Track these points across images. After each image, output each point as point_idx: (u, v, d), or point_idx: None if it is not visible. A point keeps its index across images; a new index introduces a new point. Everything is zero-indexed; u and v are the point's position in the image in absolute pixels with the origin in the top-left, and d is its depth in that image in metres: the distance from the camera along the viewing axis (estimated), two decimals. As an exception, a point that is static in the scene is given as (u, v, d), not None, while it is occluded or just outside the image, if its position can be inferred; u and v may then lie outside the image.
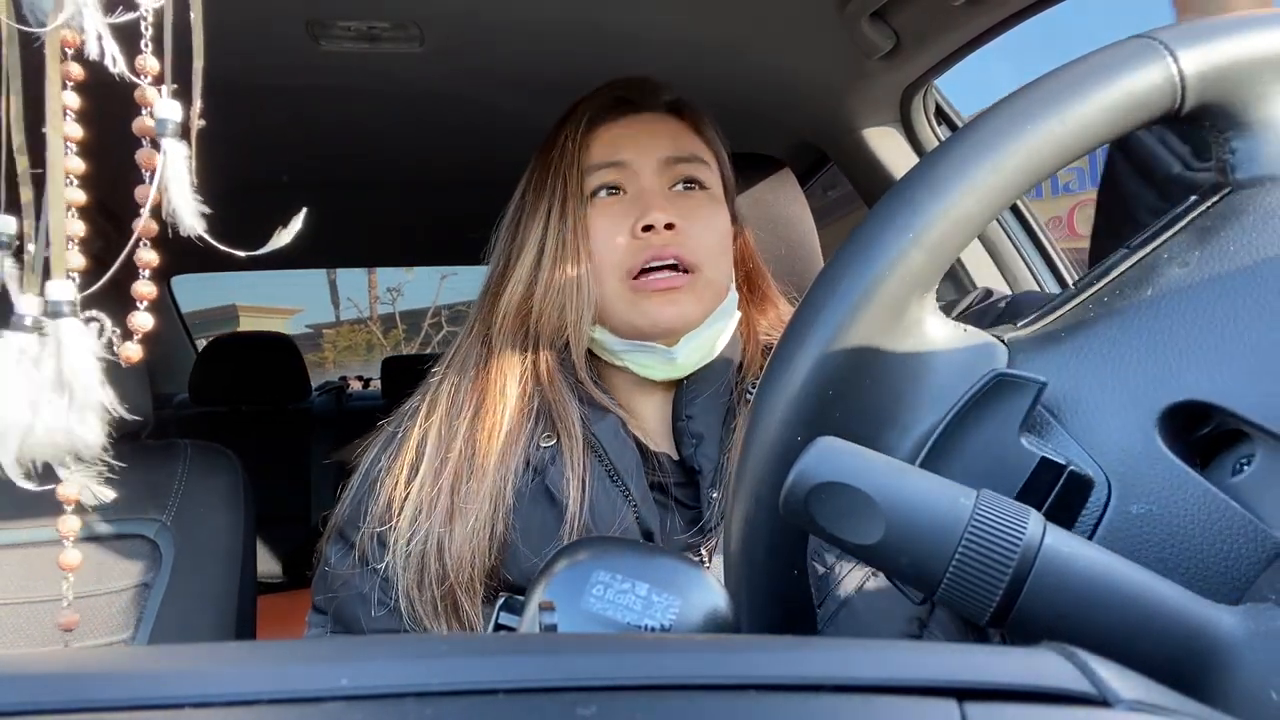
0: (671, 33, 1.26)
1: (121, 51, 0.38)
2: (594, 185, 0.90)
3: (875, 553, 0.35)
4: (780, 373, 0.41)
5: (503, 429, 0.85)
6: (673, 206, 0.88)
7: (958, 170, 0.40)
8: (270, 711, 0.22)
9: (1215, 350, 0.40)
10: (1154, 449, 0.39)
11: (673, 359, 0.89)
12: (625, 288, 0.88)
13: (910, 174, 0.42)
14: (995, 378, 0.40)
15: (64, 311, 0.39)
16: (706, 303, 0.89)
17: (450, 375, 0.91)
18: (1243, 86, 0.41)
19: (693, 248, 0.88)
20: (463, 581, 0.81)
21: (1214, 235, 0.42)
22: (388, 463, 0.88)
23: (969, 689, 0.23)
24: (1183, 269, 0.42)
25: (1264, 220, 0.41)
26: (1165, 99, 0.41)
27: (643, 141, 0.91)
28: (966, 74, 1.40)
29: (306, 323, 13.24)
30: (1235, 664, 0.32)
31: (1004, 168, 0.40)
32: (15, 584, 1.15)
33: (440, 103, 1.55)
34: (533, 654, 0.26)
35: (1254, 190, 0.42)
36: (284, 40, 1.27)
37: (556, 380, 0.88)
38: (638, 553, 0.45)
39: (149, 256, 0.40)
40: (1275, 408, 0.38)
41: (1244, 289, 0.40)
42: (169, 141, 0.39)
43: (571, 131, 0.92)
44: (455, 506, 0.83)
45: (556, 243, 0.89)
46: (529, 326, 0.90)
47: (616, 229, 0.88)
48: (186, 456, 1.30)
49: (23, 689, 0.22)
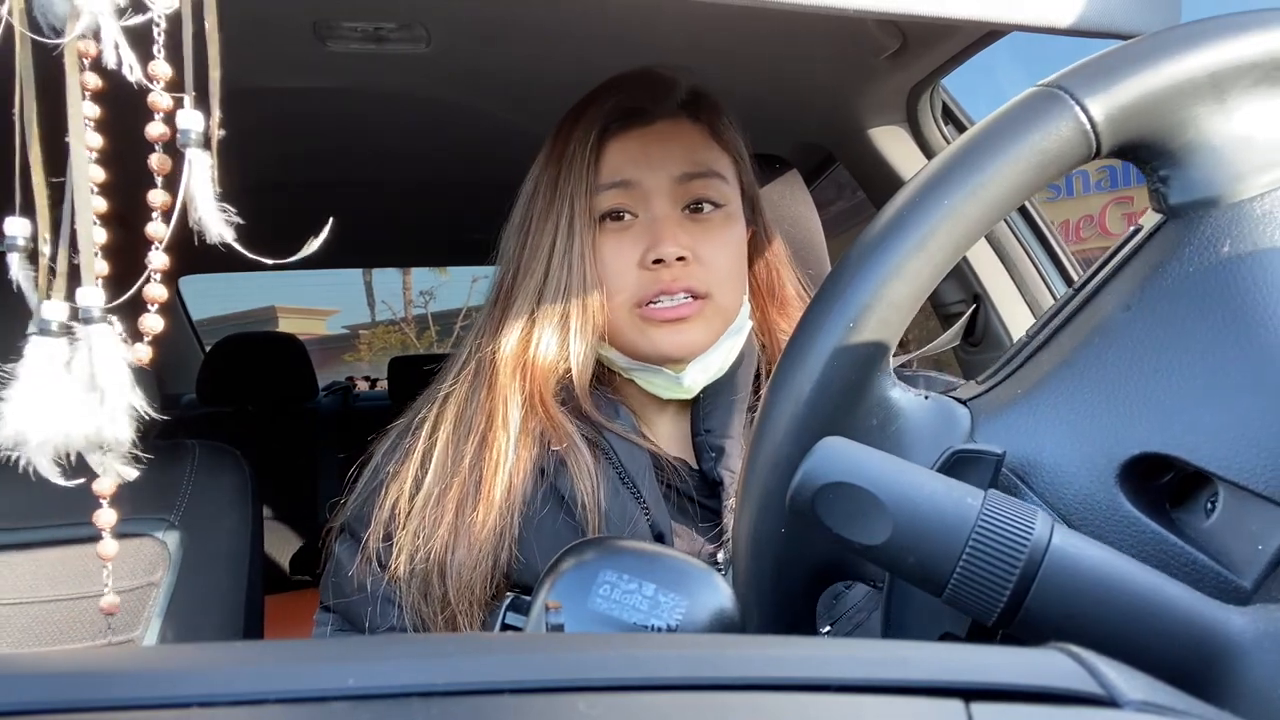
0: (677, 35, 1.25)
1: (141, 60, 0.38)
2: (604, 207, 0.88)
3: (882, 553, 0.35)
4: (761, 457, 0.42)
5: (508, 459, 0.84)
6: (684, 234, 0.87)
7: (883, 258, 0.40)
8: (277, 711, 0.22)
9: (1163, 399, 0.39)
10: (1116, 504, 0.39)
11: (679, 382, 0.88)
12: (633, 316, 0.86)
13: (843, 260, 0.42)
14: (954, 456, 0.40)
15: (95, 317, 0.40)
16: (716, 328, 0.88)
17: (460, 389, 0.90)
18: (1157, 119, 0.41)
19: (703, 277, 0.86)
20: (463, 608, 0.80)
21: (1155, 273, 0.41)
22: (395, 469, 0.88)
23: (975, 689, 0.23)
24: (1126, 313, 0.41)
25: (1201, 252, 0.41)
26: (1080, 149, 0.40)
27: (656, 158, 0.88)
28: (973, 73, 1.39)
29: (343, 323, 13.63)
30: (1244, 665, 0.31)
31: (929, 247, 0.40)
32: (25, 584, 1.15)
33: (446, 103, 1.55)
34: (539, 654, 0.26)
35: (1190, 218, 0.41)
36: (290, 41, 1.27)
37: (554, 413, 0.86)
38: (644, 553, 0.45)
39: (160, 260, 0.41)
40: (1226, 454, 0.38)
41: (1187, 331, 0.40)
42: (193, 151, 0.40)
43: (580, 143, 0.88)
44: (459, 531, 0.82)
45: (563, 265, 0.86)
46: (529, 355, 0.87)
47: (625, 258, 0.87)
48: (194, 457, 1.31)
49: (30, 688, 0.23)
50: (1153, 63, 0.40)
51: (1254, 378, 0.38)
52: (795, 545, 0.43)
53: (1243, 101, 0.41)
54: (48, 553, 1.18)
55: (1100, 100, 0.40)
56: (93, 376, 0.39)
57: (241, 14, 1.08)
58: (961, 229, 0.40)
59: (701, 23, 1.22)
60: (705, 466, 0.89)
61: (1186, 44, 0.40)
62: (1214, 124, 0.41)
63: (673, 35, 1.26)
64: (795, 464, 0.36)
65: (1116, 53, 0.41)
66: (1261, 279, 0.40)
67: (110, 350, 0.40)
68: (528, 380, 0.87)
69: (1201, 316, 0.40)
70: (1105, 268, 0.44)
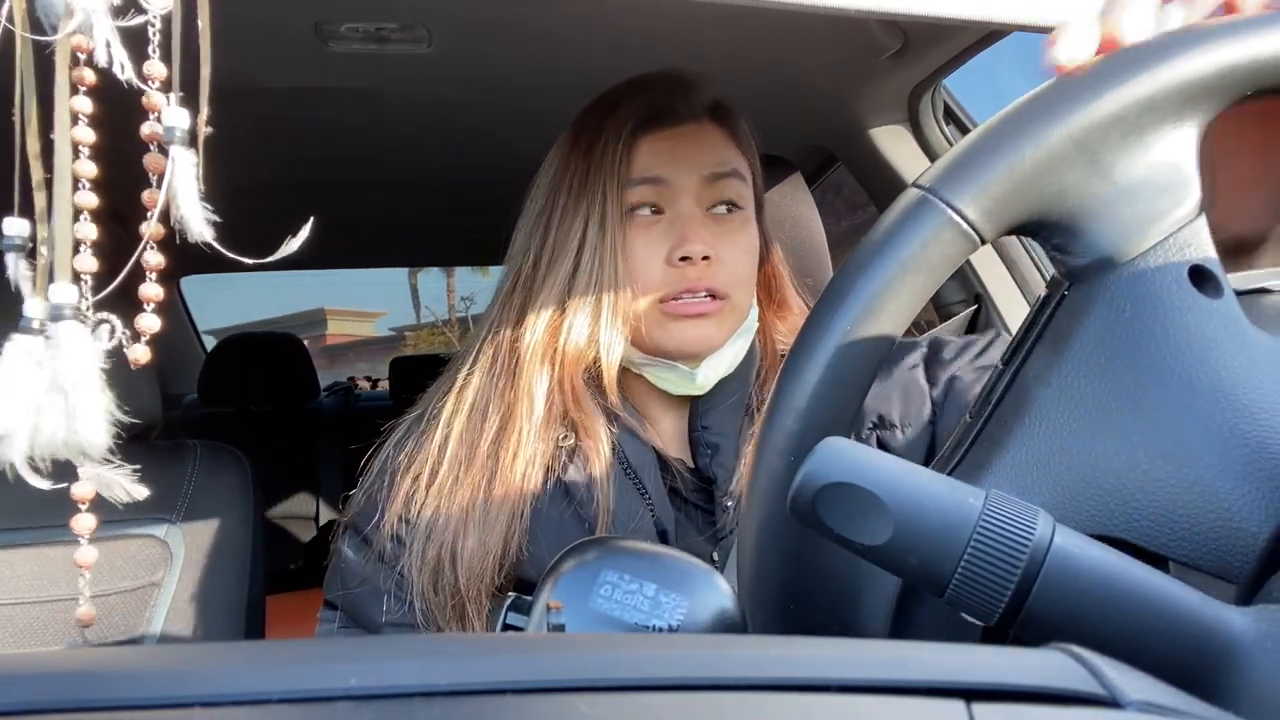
0: (679, 35, 1.25)
1: (132, 58, 0.38)
2: (633, 201, 0.89)
3: (883, 553, 0.34)
4: None
5: (525, 451, 0.85)
6: (709, 234, 0.88)
7: (798, 381, 0.41)
8: (278, 711, 0.22)
9: (1099, 480, 0.39)
10: None
11: (693, 378, 0.89)
12: (656, 310, 0.88)
13: (777, 385, 0.43)
14: None
15: (66, 314, 0.39)
16: (732, 327, 0.90)
17: (477, 379, 0.90)
18: (1034, 198, 0.40)
19: (725, 278, 0.88)
20: (472, 596, 0.81)
21: (1066, 345, 0.41)
22: (407, 459, 0.88)
23: (977, 690, 0.23)
24: (1046, 389, 0.41)
25: (1105, 318, 0.40)
26: (966, 246, 0.40)
27: (684, 158, 0.90)
28: (975, 73, 1.39)
29: (390, 325, 13.92)
30: (1246, 665, 0.31)
31: (837, 367, 0.41)
32: (26, 583, 1.16)
33: (448, 104, 1.55)
34: (540, 654, 0.26)
35: (1091, 282, 0.41)
36: (293, 42, 1.27)
37: (584, 399, 0.87)
38: (646, 553, 0.45)
39: (156, 259, 0.41)
40: (1165, 537, 0.38)
41: (1105, 406, 0.39)
42: (177, 149, 0.40)
43: (613, 137, 0.89)
44: (472, 521, 0.82)
45: (594, 258, 0.87)
46: (559, 344, 0.88)
47: (653, 253, 0.88)
48: (196, 457, 1.31)
49: (32, 688, 0.23)
50: (1014, 145, 0.39)
51: (1173, 453, 0.38)
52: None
53: (1117, 158, 0.40)
54: (48, 552, 1.18)
55: (972, 200, 0.39)
56: (59, 376, 0.38)
57: (244, 15, 1.09)
58: (869, 348, 0.41)
59: (702, 24, 1.22)
60: (700, 463, 0.90)
61: (1044, 115, 0.39)
62: (1092, 187, 0.40)
63: (673, 36, 1.26)
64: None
65: (979, 142, 0.40)
66: (1164, 338, 0.39)
67: (80, 349, 0.39)
68: (557, 366, 0.87)
69: (1115, 390, 0.39)
70: (1026, 339, 0.43)
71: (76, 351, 0.39)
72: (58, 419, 0.38)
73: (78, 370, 0.39)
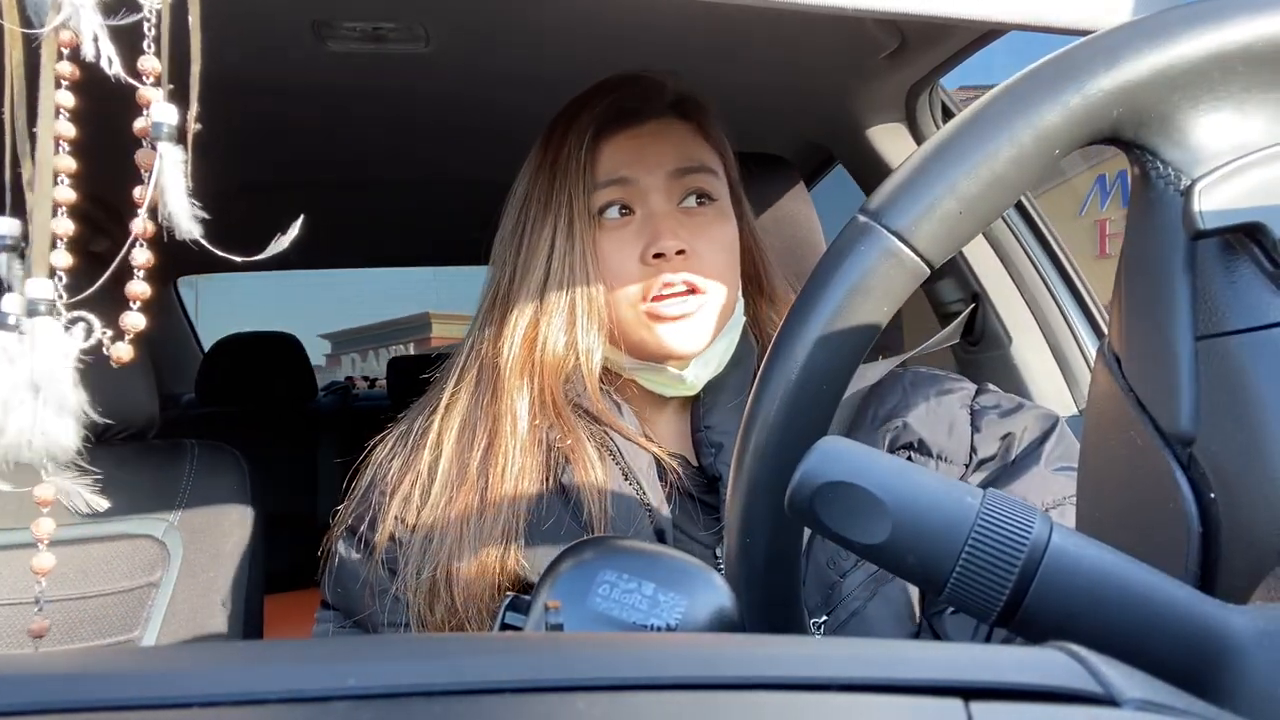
0: (676, 33, 1.25)
1: (125, 53, 0.38)
2: (601, 203, 0.89)
3: (882, 552, 0.35)
4: None
5: (515, 464, 0.84)
6: (683, 229, 0.88)
7: (765, 411, 0.43)
8: (277, 711, 0.22)
9: None
10: None
11: (682, 379, 0.89)
12: (638, 312, 0.87)
13: (746, 417, 0.44)
14: None
15: (40, 310, 0.38)
16: (718, 323, 0.90)
17: (463, 397, 0.90)
18: (979, 222, 0.41)
19: (704, 271, 0.88)
20: (470, 616, 0.81)
21: None
22: (397, 476, 0.88)
23: (975, 688, 0.23)
24: None
25: None
26: (916, 273, 0.41)
27: (649, 156, 0.90)
28: (972, 72, 1.39)
29: None
30: (1243, 663, 0.31)
31: (797, 400, 0.42)
32: (7, 586, 1.14)
33: (446, 103, 1.55)
34: (539, 653, 0.26)
35: None
36: (290, 40, 1.27)
37: (564, 409, 0.87)
38: (643, 552, 0.45)
39: (144, 257, 0.40)
40: None
41: None
42: (164, 145, 0.39)
43: (575, 145, 0.89)
44: (465, 539, 0.82)
45: (564, 265, 0.87)
46: (536, 356, 0.87)
47: (627, 254, 0.88)
48: (194, 456, 1.31)
49: (29, 689, 0.23)
50: (945, 170, 0.40)
51: None
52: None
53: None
54: (31, 555, 1.17)
55: (921, 233, 0.40)
56: (32, 373, 0.38)
57: (241, 13, 1.09)
58: (836, 371, 0.41)
59: (700, 23, 1.22)
60: (705, 462, 0.90)
61: (970, 152, 0.40)
62: None
63: (672, 35, 1.26)
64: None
65: (920, 166, 0.41)
66: None
67: (53, 347, 0.38)
68: (536, 379, 0.87)
69: None
70: None
71: (51, 349, 0.38)
72: (29, 418, 0.38)
73: (49, 367, 0.38)
